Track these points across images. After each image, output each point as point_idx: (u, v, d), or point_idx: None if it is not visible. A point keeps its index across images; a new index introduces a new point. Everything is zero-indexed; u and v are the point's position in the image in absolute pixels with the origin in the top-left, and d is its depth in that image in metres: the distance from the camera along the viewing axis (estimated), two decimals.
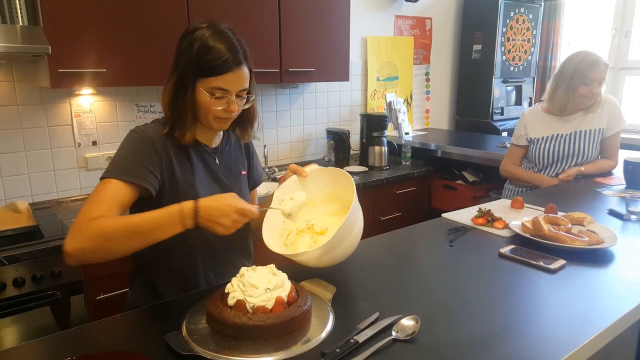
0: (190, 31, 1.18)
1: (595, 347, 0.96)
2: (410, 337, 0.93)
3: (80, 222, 1.05)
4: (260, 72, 2.48)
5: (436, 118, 4.06)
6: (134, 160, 1.15)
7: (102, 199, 1.10)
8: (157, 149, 1.18)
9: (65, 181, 2.32)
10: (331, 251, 1.13)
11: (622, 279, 1.22)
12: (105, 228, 1.04)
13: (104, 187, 1.12)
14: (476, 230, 1.56)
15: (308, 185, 1.31)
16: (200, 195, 1.24)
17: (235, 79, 1.18)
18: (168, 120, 1.21)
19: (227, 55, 1.15)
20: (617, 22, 3.83)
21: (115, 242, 1.05)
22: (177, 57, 1.19)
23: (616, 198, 1.90)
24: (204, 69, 1.15)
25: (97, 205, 1.08)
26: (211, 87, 1.16)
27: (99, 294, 1.89)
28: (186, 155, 1.25)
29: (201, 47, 1.14)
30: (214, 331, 0.95)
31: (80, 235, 1.04)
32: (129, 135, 1.21)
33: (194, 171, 1.25)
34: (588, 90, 2.18)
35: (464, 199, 2.97)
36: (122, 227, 1.05)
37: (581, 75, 2.17)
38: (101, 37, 1.99)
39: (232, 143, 1.39)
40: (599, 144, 2.27)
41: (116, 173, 1.13)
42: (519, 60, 3.95)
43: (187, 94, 1.17)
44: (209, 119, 1.21)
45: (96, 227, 1.04)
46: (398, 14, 3.57)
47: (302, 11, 2.60)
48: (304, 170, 1.28)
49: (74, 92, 2.27)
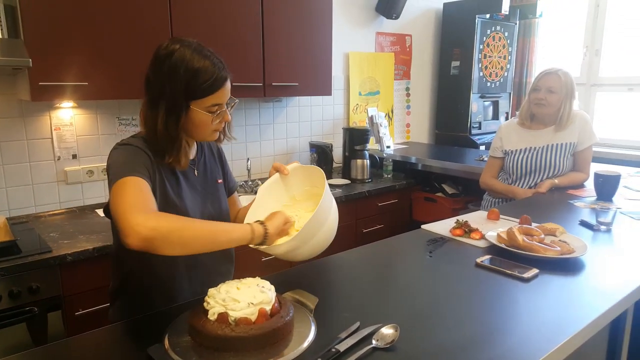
0: (165, 55, 1.17)
1: (566, 351, 1.00)
2: (390, 346, 0.95)
3: (143, 207, 1.02)
4: (243, 86, 2.51)
5: (416, 132, 4.14)
6: (135, 161, 1.15)
7: (140, 190, 1.08)
8: (150, 158, 1.20)
9: (44, 195, 2.30)
10: (307, 241, 1.18)
11: (591, 287, 1.27)
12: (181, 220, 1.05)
13: (129, 183, 1.08)
14: (454, 241, 1.60)
15: (290, 182, 1.37)
16: (188, 209, 1.26)
17: (226, 91, 1.23)
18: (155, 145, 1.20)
19: (215, 72, 1.18)
20: (587, 40, 3.99)
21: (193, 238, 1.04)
22: (160, 83, 1.17)
23: (587, 209, 1.97)
24: (198, 91, 1.17)
25: (145, 197, 1.07)
26: (208, 106, 1.20)
27: (78, 310, 1.86)
28: (171, 170, 1.27)
29: (188, 71, 1.15)
30: (196, 344, 0.96)
31: (154, 216, 1.01)
32: (120, 147, 1.20)
33: (179, 183, 1.28)
34: (535, 96, 2.33)
35: (444, 211, 3.02)
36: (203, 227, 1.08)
37: (534, 83, 2.37)
38: (83, 50, 2.00)
39: (206, 153, 1.41)
40: (570, 157, 2.36)
41: (129, 172, 1.11)
42: (495, 77, 4.06)
43: (181, 119, 1.19)
44: (207, 134, 1.25)
45: (170, 215, 1.05)
46: (379, 30, 3.65)
47: (285, 26, 2.64)
48: (285, 168, 1.34)
49: (54, 105, 2.26)
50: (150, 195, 1.10)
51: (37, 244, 1.87)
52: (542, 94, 2.31)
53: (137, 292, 1.30)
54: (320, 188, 1.33)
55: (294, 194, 1.40)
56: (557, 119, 2.33)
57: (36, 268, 1.74)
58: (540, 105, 2.32)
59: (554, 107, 2.31)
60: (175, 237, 1.02)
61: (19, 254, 1.76)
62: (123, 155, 1.17)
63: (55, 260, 1.77)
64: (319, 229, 1.20)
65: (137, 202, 1.04)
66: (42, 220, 2.22)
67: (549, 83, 2.29)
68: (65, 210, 2.34)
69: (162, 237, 1.00)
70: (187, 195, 1.29)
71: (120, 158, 1.17)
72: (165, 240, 1.01)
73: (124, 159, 1.16)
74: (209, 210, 1.34)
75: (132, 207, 1.01)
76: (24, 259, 1.73)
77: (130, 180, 1.09)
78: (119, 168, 1.13)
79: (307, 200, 1.40)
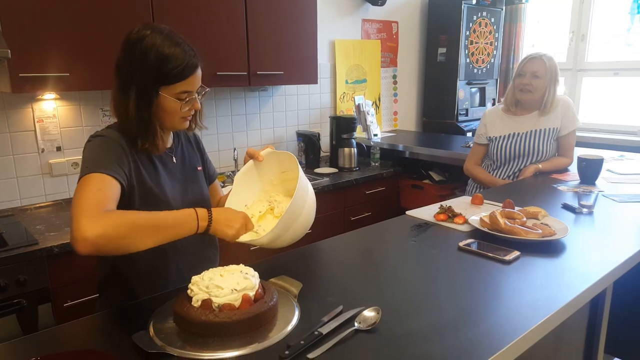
0: (136, 40, 1.17)
1: (545, 330, 1.02)
2: (372, 328, 0.97)
3: (94, 209, 1.01)
4: (228, 75, 2.50)
5: (404, 120, 4.15)
6: (107, 157, 1.15)
7: (99, 189, 1.07)
8: (124, 149, 1.19)
9: (29, 188, 2.28)
10: (289, 228, 1.20)
11: (571, 268, 1.29)
12: (129, 217, 1.04)
13: (93, 180, 1.09)
14: (438, 226, 1.62)
15: (264, 168, 1.38)
16: (169, 196, 1.27)
17: (196, 79, 1.22)
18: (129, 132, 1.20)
19: (186, 59, 1.18)
20: (574, 25, 4.01)
21: (137, 232, 1.03)
22: (131, 68, 1.17)
23: (570, 193, 2.00)
24: (168, 77, 1.17)
25: (102, 196, 1.06)
26: (177, 92, 1.19)
27: (67, 301, 1.86)
28: (148, 158, 1.27)
29: (158, 56, 1.15)
30: (181, 330, 0.97)
31: (102, 221, 0.99)
32: (93, 140, 1.20)
33: (157, 171, 1.28)
34: (520, 81, 2.34)
35: (431, 198, 3.05)
36: (145, 219, 1.06)
37: (518, 69, 2.38)
38: (64, 40, 1.97)
39: (183, 141, 1.42)
40: (554, 142, 2.38)
41: (97, 168, 1.11)
42: (482, 63, 4.08)
43: (153, 104, 1.19)
44: (175, 121, 1.24)
45: (119, 215, 1.03)
46: (365, 17, 3.64)
47: (269, 14, 2.62)
48: (259, 154, 1.35)
49: (36, 97, 2.23)
50: (110, 193, 1.09)
51: (23, 237, 1.86)
52: (527, 79, 2.32)
53: (124, 282, 1.30)
54: (293, 172, 1.34)
55: (271, 179, 1.41)
56: (541, 104, 2.35)
57: (23, 260, 1.73)
58: (526, 91, 2.33)
59: (539, 92, 2.32)
60: (124, 242, 1.02)
61: (5, 247, 1.75)
62: (94, 150, 1.17)
63: (42, 252, 1.77)
64: (299, 215, 1.21)
65: (90, 204, 1.03)
66: (27, 213, 2.21)
67: (534, 68, 2.30)
68: (51, 202, 2.33)
69: (107, 243, 1.00)
70: (166, 183, 1.29)
71: (92, 153, 1.17)
72: (111, 245, 1.01)
73: (95, 154, 1.16)
74: (189, 197, 1.34)
75: (83, 212, 1.00)
76: (11, 252, 1.72)
77: (93, 178, 1.09)
78: (87, 164, 1.14)
79: (283, 184, 1.42)
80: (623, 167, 2.43)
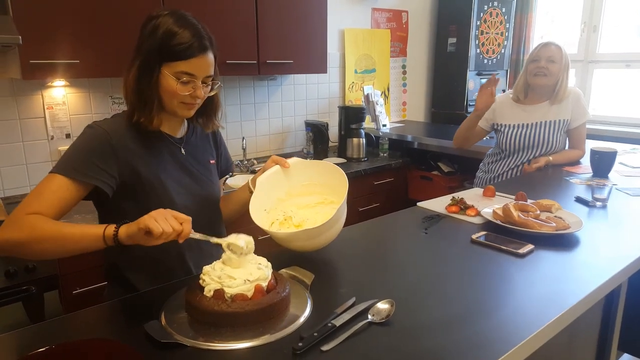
0: (154, 17, 1.19)
1: (559, 326, 1.01)
2: (386, 320, 0.96)
3: (17, 213, 1.07)
4: (237, 63, 2.48)
5: (413, 110, 4.12)
6: (87, 157, 1.14)
7: (43, 194, 1.10)
8: (113, 146, 1.16)
9: (38, 175, 2.28)
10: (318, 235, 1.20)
11: (586, 263, 1.28)
12: (35, 225, 1.05)
13: (49, 183, 1.11)
14: (450, 218, 1.60)
15: (292, 176, 1.36)
16: (167, 186, 1.24)
17: (201, 64, 1.18)
18: (132, 108, 1.20)
19: (193, 40, 1.16)
20: (585, 16, 3.94)
21: (39, 243, 1.05)
22: (140, 42, 1.19)
23: (583, 186, 1.97)
24: (170, 53, 1.15)
25: (37, 201, 1.09)
26: (177, 71, 1.17)
27: (75, 289, 1.87)
28: (150, 146, 1.24)
29: (166, 31, 1.15)
30: (193, 320, 0.97)
31: (12, 226, 1.05)
32: (85, 131, 1.19)
33: (159, 162, 1.25)
34: (535, 65, 2.30)
35: (440, 189, 3.03)
36: (51, 230, 1.06)
37: (532, 55, 2.34)
38: (74, 27, 1.96)
39: (198, 133, 1.39)
40: (563, 134, 2.36)
41: (65, 170, 1.12)
42: (492, 53, 4.02)
43: (153, 78, 1.17)
44: (174, 104, 1.21)
45: (28, 223, 1.05)
46: (375, 6, 3.59)
47: (279, 3, 2.59)
48: (286, 162, 1.33)
49: (46, 84, 2.23)
50: (53, 198, 1.10)
51: None
52: (543, 63, 2.28)
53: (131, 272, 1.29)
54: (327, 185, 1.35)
55: (288, 189, 1.38)
56: (553, 92, 2.32)
57: None
58: (540, 76, 2.29)
59: (554, 78, 2.29)
60: (25, 248, 1.05)
61: None
62: (80, 146, 1.16)
63: None
64: (337, 221, 1.22)
65: (23, 206, 1.08)
66: None
67: (549, 53, 2.28)
68: None
69: (11, 248, 1.05)
70: (169, 175, 1.26)
71: (77, 147, 1.16)
72: (14, 250, 1.06)
73: (77, 152, 1.15)
74: (197, 191, 1.32)
75: (20, 209, 1.07)
76: None
77: (54, 180, 1.11)
78: (65, 160, 1.14)
79: (301, 196, 1.38)
80: (636, 160, 2.40)
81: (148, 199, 1.20)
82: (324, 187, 1.36)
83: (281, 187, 1.37)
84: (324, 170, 1.36)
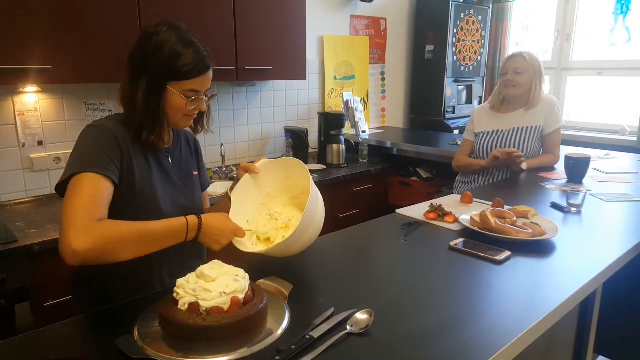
0: (152, 34, 1.19)
1: (538, 332, 1.01)
2: (364, 331, 0.95)
3: (85, 221, 1.03)
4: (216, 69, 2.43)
5: (392, 117, 4.14)
6: (102, 153, 1.14)
7: (93, 195, 1.08)
8: (118, 142, 1.18)
9: (9, 183, 2.21)
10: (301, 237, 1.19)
11: (562, 269, 1.29)
12: (118, 230, 1.05)
13: (87, 183, 1.09)
14: (428, 225, 1.61)
15: (262, 180, 1.34)
16: (158, 195, 1.25)
17: (206, 80, 1.23)
18: (138, 125, 1.20)
19: (198, 60, 1.19)
20: (559, 25, 4.04)
21: (125, 245, 1.06)
22: (144, 60, 1.18)
23: (558, 192, 2.01)
24: (178, 73, 1.18)
25: (94, 204, 1.07)
26: (185, 90, 1.20)
27: (47, 301, 1.81)
28: (143, 153, 1.25)
29: (172, 52, 1.17)
30: (167, 334, 0.94)
31: (91, 235, 1.01)
32: (89, 129, 1.19)
33: (150, 170, 1.25)
34: (504, 79, 2.40)
35: (419, 195, 3.04)
36: (134, 232, 1.07)
37: (501, 69, 2.45)
38: (46, 32, 1.91)
39: (183, 144, 1.40)
40: (537, 141, 2.42)
41: (90, 167, 1.11)
42: (469, 61, 4.08)
43: (162, 98, 1.19)
44: (178, 118, 1.25)
45: (108, 229, 1.04)
46: (354, 13, 3.61)
47: (258, 9, 2.58)
48: (255, 167, 1.33)
49: (17, 90, 2.16)
50: (102, 199, 1.10)
51: (2, 234, 1.80)
52: (510, 76, 2.38)
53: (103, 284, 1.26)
54: (296, 178, 1.33)
55: (268, 191, 1.37)
56: (528, 100, 2.40)
57: (2, 258, 1.68)
58: (509, 87, 2.39)
59: (523, 87, 2.38)
60: (113, 253, 1.05)
61: None
62: (90, 142, 1.16)
63: (21, 250, 1.71)
64: (311, 222, 1.20)
65: (80, 214, 1.04)
66: (7, 209, 2.14)
67: (515, 65, 2.37)
68: (32, 198, 2.26)
69: (97, 257, 1.03)
70: (158, 183, 1.26)
71: (88, 144, 1.16)
72: (100, 259, 1.04)
73: (90, 148, 1.15)
74: (181, 201, 1.31)
75: (73, 224, 1.02)
76: None
77: (86, 180, 1.09)
78: (82, 157, 1.13)
79: (282, 194, 1.38)
80: (608, 166, 2.46)
81: (136, 203, 1.21)
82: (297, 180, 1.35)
83: (258, 193, 1.36)
84: (289, 164, 1.35)
